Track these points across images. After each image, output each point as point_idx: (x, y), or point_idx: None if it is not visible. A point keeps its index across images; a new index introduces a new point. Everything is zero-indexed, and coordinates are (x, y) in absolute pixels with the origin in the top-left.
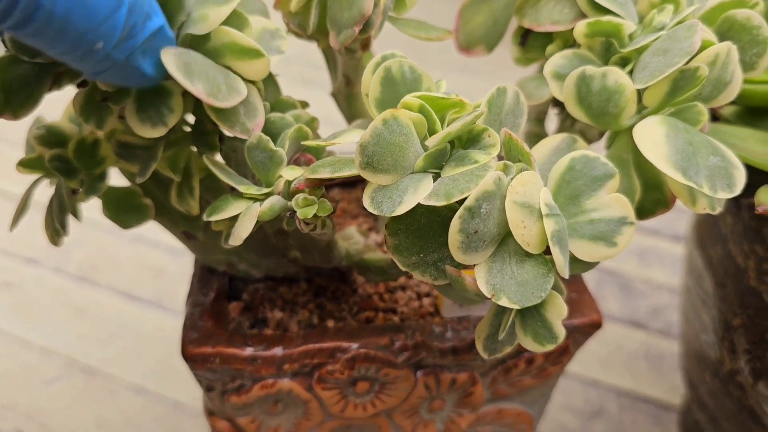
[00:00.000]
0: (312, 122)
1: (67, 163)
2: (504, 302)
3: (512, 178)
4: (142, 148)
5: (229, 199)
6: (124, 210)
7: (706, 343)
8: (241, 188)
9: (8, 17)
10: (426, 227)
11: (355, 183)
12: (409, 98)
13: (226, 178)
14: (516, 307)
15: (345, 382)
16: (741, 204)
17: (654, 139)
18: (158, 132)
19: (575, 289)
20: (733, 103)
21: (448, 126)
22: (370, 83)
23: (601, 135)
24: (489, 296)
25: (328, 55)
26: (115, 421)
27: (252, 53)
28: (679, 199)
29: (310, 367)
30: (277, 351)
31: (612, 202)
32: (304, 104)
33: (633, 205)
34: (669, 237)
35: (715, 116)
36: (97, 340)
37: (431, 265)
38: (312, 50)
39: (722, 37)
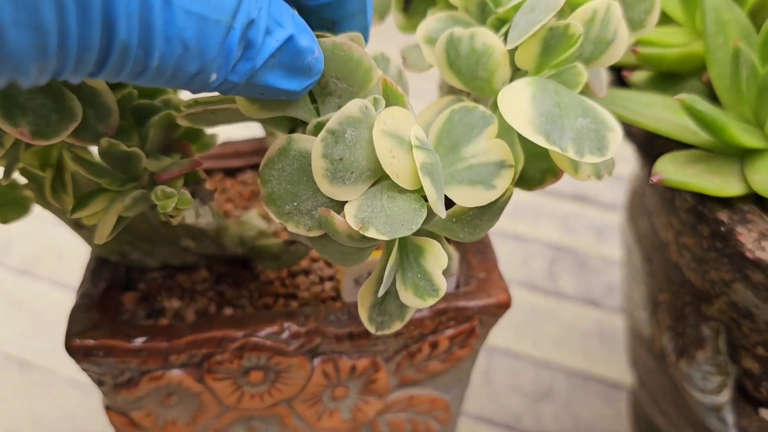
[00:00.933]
0: (181, 106)
1: None
2: (372, 233)
3: (381, 109)
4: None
5: (95, 193)
6: (1, 204)
7: (640, 319)
8: (103, 182)
9: (120, 72)
10: (299, 172)
11: None
12: None
13: (87, 172)
14: (384, 238)
15: (237, 372)
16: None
17: (519, 102)
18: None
19: (484, 268)
20: (641, 68)
21: None
22: None
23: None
24: (357, 228)
25: None
26: (50, 415)
27: None
28: (560, 166)
29: (198, 357)
30: (163, 342)
31: (491, 147)
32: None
33: (516, 175)
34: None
35: (624, 83)
36: (34, 333)
37: (305, 214)
38: None
39: None
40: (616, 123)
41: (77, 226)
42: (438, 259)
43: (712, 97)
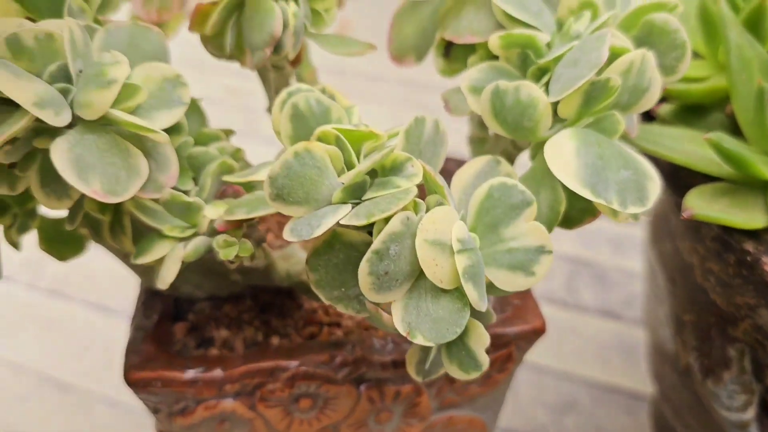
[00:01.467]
0: (236, 153)
1: None
2: (419, 340)
3: (422, 216)
4: None
5: (155, 239)
6: (59, 242)
7: (664, 336)
8: (165, 229)
9: None
10: (345, 262)
11: None
12: (326, 129)
13: (149, 220)
14: (431, 344)
15: (287, 400)
16: (679, 202)
17: (564, 155)
18: (65, 205)
19: (519, 296)
20: (668, 101)
21: (365, 159)
22: (280, 121)
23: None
24: (404, 334)
25: (261, 71)
26: None
27: (147, 131)
28: (600, 210)
29: (251, 386)
30: (218, 372)
31: (530, 230)
32: (229, 132)
33: (559, 216)
34: (644, 224)
35: (651, 116)
36: (69, 354)
37: (353, 298)
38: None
39: (641, 42)
40: (655, 173)
41: (128, 260)
42: (481, 339)
43: (735, 129)
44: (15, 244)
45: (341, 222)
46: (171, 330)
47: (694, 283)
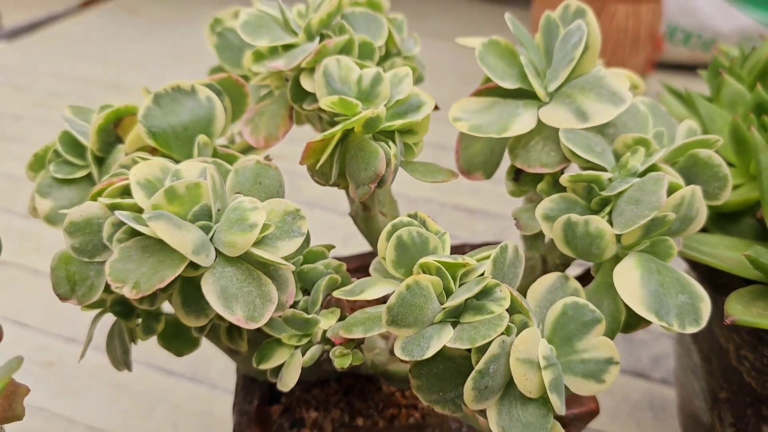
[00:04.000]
0: (339, 267)
1: (126, 305)
2: None
3: (514, 339)
4: None
5: (275, 346)
6: (177, 340)
7: (699, 408)
8: (283, 338)
9: None
10: (444, 372)
11: None
12: (428, 261)
13: (270, 330)
14: None
15: None
16: (717, 299)
17: (630, 284)
18: (201, 322)
19: None
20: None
21: (459, 284)
22: (386, 249)
23: None
24: None
25: None
26: None
27: (279, 264)
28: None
29: None
30: None
31: (600, 344)
32: (330, 247)
33: (621, 325)
34: None
35: None
36: (138, 414)
37: (449, 401)
38: None
39: (688, 171)
40: (706, 295)
41: (230, 351)
42: None
43: (765, 232)
44: (134, 340)
45: (447, 344)
46: (268, 412)
47: (729, 364)
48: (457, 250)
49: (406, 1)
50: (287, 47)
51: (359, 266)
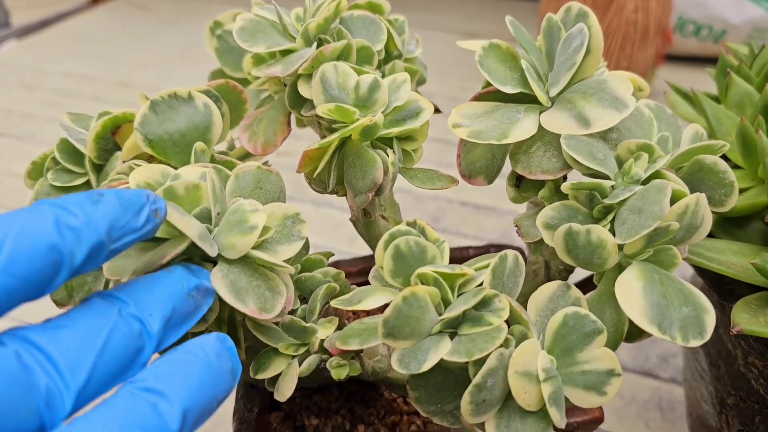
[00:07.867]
0: (338, 276)
1: None
2: None
3: (512, 351)
4: None
5: (272, 355)
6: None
7: (707, 412)
8: (280, 347)
9: None
10: (442, 383)
11: None
12: (426, 271)
13: (266, 339)
14: None
15: None
16: (724, 305)
17: (632, 295)
18: (200, 327)
19: None
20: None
21: (458, 294)
22: (383, 258)
23: None
24: None
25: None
26: None
27: (279, 266)
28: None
29: None
30: None
31: (601, 355)
32: (329, 255)
33: (623, 335)
34: None
35: None
36: None
37: (448, 413)
38: None
39: (693, 177)
40: (711, 307)
41: None
42: None
43: None
44: None
45: (444, 357)
46: (269, 419)
47: (737, 370)
48: (461, 252)
49: None
50: (285, 52)
51: (363, 269)
